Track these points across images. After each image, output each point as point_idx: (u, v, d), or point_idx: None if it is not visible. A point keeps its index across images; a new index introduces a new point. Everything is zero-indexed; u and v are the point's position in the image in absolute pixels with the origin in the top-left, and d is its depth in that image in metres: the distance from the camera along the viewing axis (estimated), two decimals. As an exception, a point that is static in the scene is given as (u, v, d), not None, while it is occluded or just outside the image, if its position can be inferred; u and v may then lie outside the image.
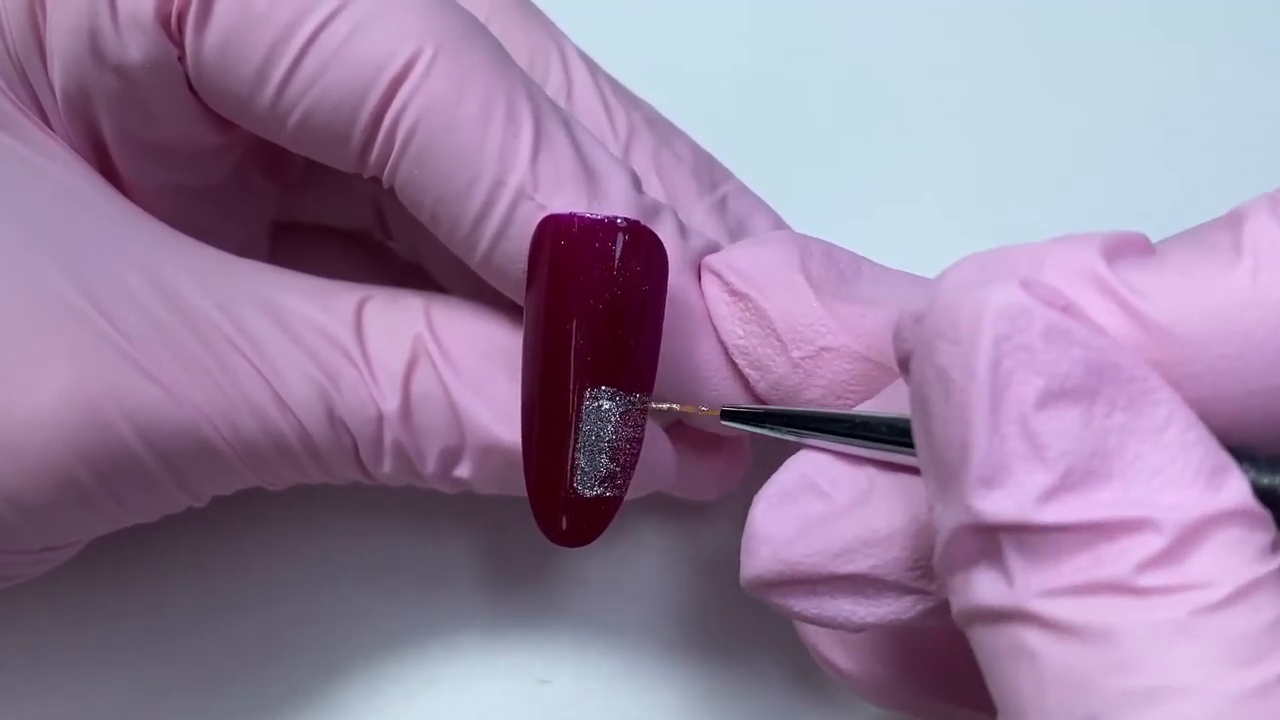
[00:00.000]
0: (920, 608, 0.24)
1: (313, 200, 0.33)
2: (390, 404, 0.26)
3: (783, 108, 0.39)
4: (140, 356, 0.25)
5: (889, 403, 0.25)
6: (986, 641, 0.19)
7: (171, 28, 0.24)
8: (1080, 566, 0.18)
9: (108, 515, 0.26)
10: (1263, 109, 0.39)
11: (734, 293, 0.26)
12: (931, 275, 0.28)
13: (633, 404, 0.25)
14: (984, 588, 0.19)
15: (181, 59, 0.25)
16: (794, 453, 0.25)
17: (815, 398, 0.26)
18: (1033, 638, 0.18)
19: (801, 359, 0.26)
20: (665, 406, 0.26)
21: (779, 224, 0.31)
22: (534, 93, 0.25)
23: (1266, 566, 0.18)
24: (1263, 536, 0.18)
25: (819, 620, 0.24)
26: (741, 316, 0.26)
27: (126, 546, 0.32)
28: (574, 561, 0.34)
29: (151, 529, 0.29)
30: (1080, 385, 0.18)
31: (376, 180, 0.26)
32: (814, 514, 0.24)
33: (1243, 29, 0.40)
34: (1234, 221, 0.20)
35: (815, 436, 0.25)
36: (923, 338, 0.20)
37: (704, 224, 0.29)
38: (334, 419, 0.26)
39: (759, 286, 0.26)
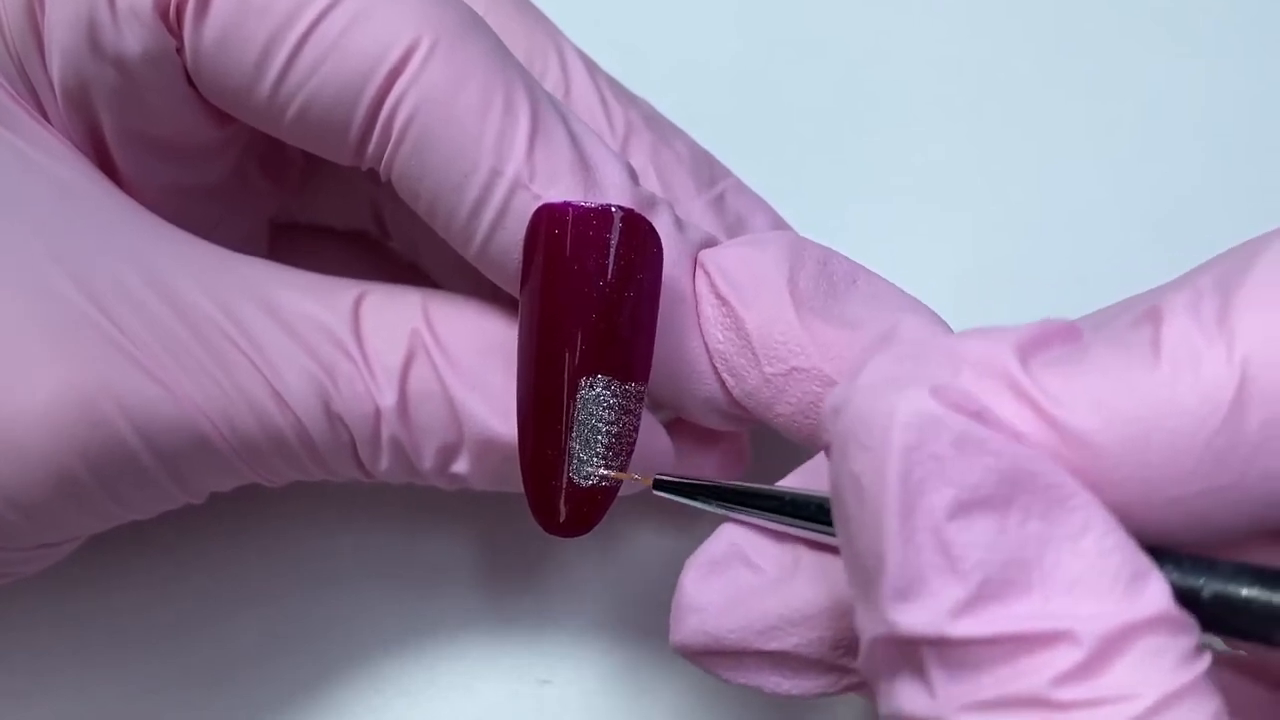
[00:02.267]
0: (844, 683, 0.24)
1: (311, 199, 0.33)
2: (387, 400, 0.26)
3: (781, 105, 0.39)
4: (138, 353, 0.25)
5: (817, 475, 0.25)
6: None
7: (170, 20, 0.24)
8: (1000, 679, 0.18)
9: (105, 512, 0.26)
10: (1264, 109, 0.39)
11: (719, 296, 0.26)
12: (931, 275, 0.28)
13: (628, 393, 0.25)
14: (907, 697, 0.19)
15: (180, 51, 0.25)
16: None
17: (785, 414, 0.26)
18: None
19: (773, 375, 0.26)
20: (607, 473, 0.26)
21: (777, 221, 0.31)
22: (531, 85, 0.25)
23: (1190, 673, 0.17)
24: (1185, 641, 0.18)
25: (747, 686, 0.24)
26: (723, 321, 0.26)
27: (125, 544, 0.32)
28: (574, 561, 0.33)
29: (150, 527, 0.29)
30: (994, 494, 0.18)
31: (374, 175, 0.26)
32: (741, 586, 0.24)
33: (1244, 28, 0.40)
34: (1154, 319, 0.19)
35: (745, 511, 0.25)
36: (836, 440, 0.19)
37: (702, 221, 0.29)
38: (331, 415, 0.26)
39: (741, 294, 0.26)
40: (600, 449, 0.25)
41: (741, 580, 0.24)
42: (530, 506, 0.25)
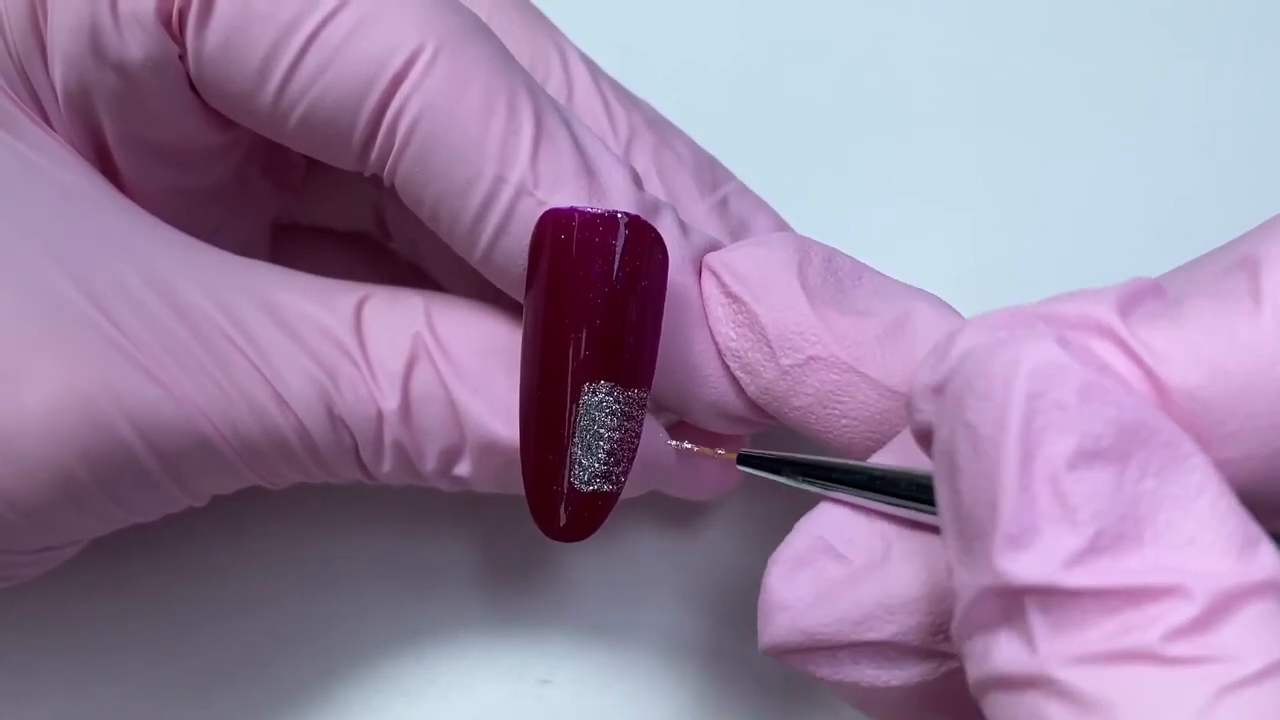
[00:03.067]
0: (944, 669, 0.23)
1: (313, 201, 0.33)
2: (390, 403, 0.26)
3: (784, 107, 0.39)
4: (139, 355, 0.25)
5: (899, 455, 0.25)
6: (1003, 712, 0.18)
7: (173, 26, 0.24)
8: (1108, 633, 0.17)
9: (107, 515, 0.26)
10: (1264, 111, 0.39)
11: (729, 294, 0.26)
12: (931, 275, 0.28)
13: (631, 399, 0.25)
14: (1005, 654, 0.18)
15: (183, 57, 0.25)
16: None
17: (803, 405, 0.26)
18: (1053, 710, 0.18)
19: (790, 366, 0.26)
20: (685, 445, 0.26)
21: (781, 224, 0.31)
22: (535, 90, 0.25)
23: None
24: None
25: (842, 683, 0.24)
26: (735, 319, 0.26)
27: (127, 547, 0.32)
28: (575, 562, 0.34)
29: (151, 529, 0.29)
30: (1113, 446, 0.18)
31: (377, 179, 0.26)
32: (830, 578, 0.24)
33: (1244, 29, 0.40)
34: (1250, 268, 0.19)
35: (835, 488, 0.24)
36: (952, 392, 0.19)
37: (705, 224, 0.29)
38: (334, 418, 0.26)
39: (753, 290, 0.26)
40: (602, 455, 0.25)
41: (830, 572, 0.24)
42: (531, 510, 0.26)
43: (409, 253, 0.33)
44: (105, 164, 0.27)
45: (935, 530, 0.22)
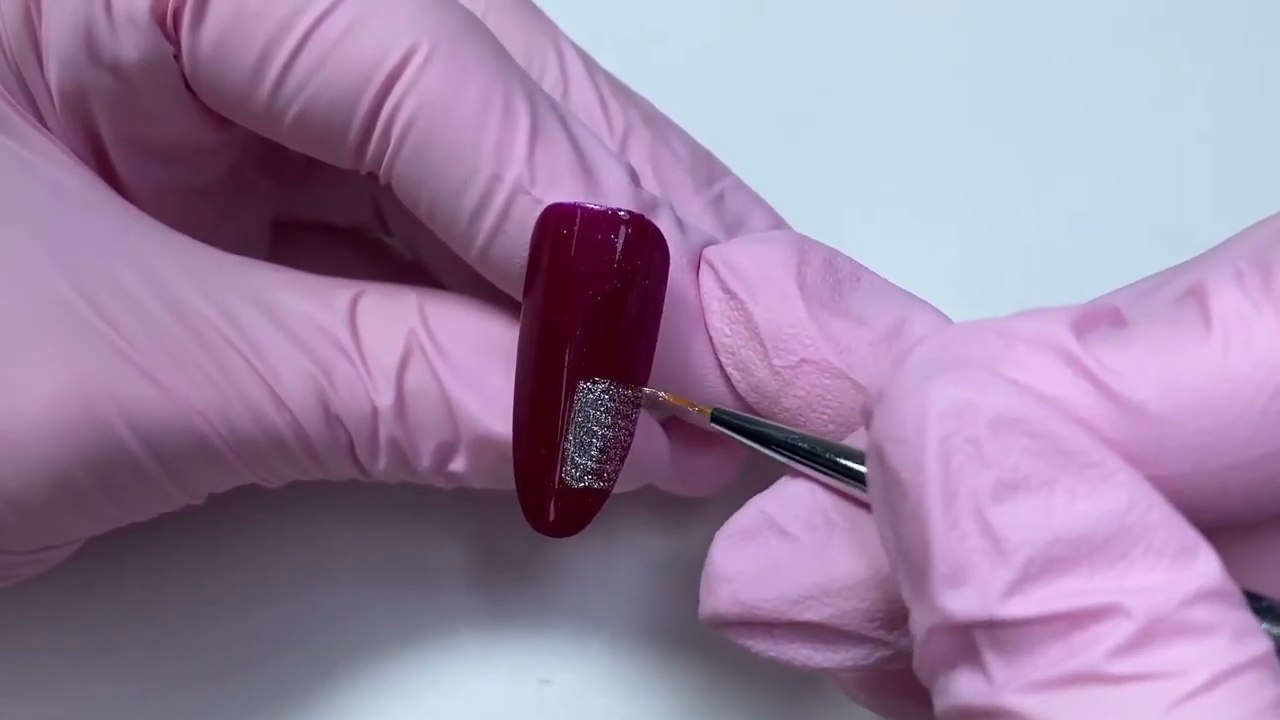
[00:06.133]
0: (878, 655, 0.24)
1: (311, 197, 0.33)
2: (385, 399, 0.26)
3: (781, 104, 0.39)
4: (136, 354, 0.25)
5: None
6: None
7: (167, 25, 0.24)
8: (1054, 658, 0.18)
9: (104, 514, 0.26)
10: (1265, 112, 0.39)
11: (726, 290, 0.26)
12: (933, 276, 0.28)
13: (626, 397, 0.25)
14: (964, 687, 0.19)
15: (177, 57, 0.25)
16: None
17: (792, 407, 0.26)
18: None
19: (781, 367, 0.26)
20: (659, 395, 0.26)
21: (777, 221, 0.31)
22: (531, 88, 0.25)
23: (1245, 653, 0.17)
24: (1239, 617, 0.18)
25: (776, 660, 0.24)
26: (730, 315, 0.26)
27: (125, 546, 0.32)
28: (575, 562, 0.34)
29: (150, 529, 0.29)
30: (1034, 474, 0.18)
31: (374, 176, 0.26)
32: (774, 554, 0.24)
33: (1245, 30, 0.40)
34: (1199, 294, 0.20)
35: (801, 462, 0.24)
36: (871, 443, 0.20)
37: (701, 220, 0.29)
38: (329, 415, 0.26)
39: (749, 288, 0.26)
40: (595, 452, 0.25)
41: (774, 548, 0.24)
42: (521, 505, 0.26)
43: (409, 249, 0.33)
44: (102, 164, 0.27)
45: None
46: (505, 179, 0.24)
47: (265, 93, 0.24)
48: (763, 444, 0.25)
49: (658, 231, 0.24)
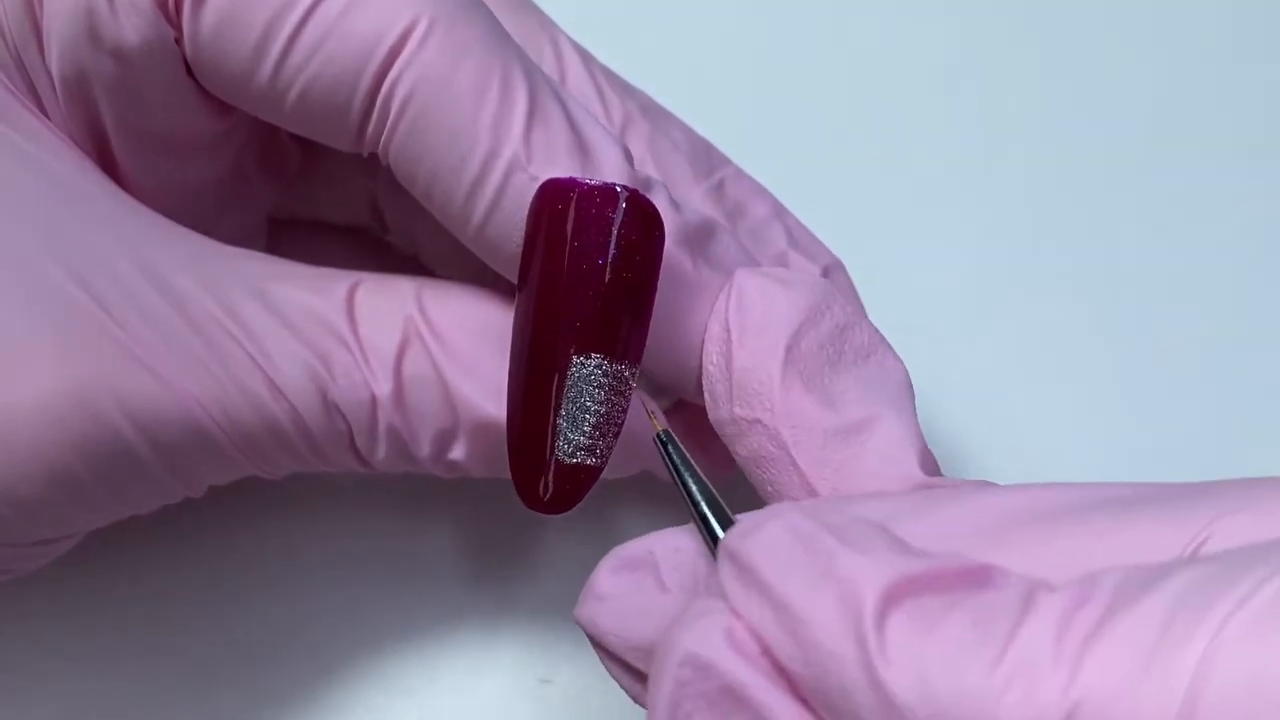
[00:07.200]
0: None
1: (309, 194, 0.33)
2: (383, 387, 0.26)
3: (781, 96, 0.39)
4: (134, 345, 0.25)
5: None
6: None
7: (169, 9, 0.25)
8: None
9: (103, 507, 0.26)
10: (1265, 113, 0.39)
11: (727, 321, 0.26)
12: (934, 276, 0.28)
13: (620, 374, 0.25)
14: None
15: (179, 41, 0.25)
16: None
17: (741, 455, 0.26)
18: None
19: (739, 416, 0.26)
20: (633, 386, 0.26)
21: (778, 207, 0.31)
22: (529, 67, 0.25)
23: None
24: None
25: (612, 676, 0.25)
26: (720, 348, 0.26)
27: (122, 542, 0.31)
28: (575, 560, 0.33)
29: (148, 523, 0.29)
30: None
31: (373, 170, 0.26)
32: (644, 595, 0.24)
33: (1246, 31, 0.40)
34: (1029, 604, 0.18)
35: (706, 527, 0.24)
36: (652, 668, 0.20)
37: (701, 209, 0.29)
38: (328, 404, 0.26)
39: (742, 329, 0.26)
40: (588, 428, 0.25)
41: (644, 591, 0.24)
42: (514, 481, 0.25)
43: (406, 245, 0.33)
44: (103, 155, 0.27)
45: None
46: (502, 155, 0.24)
47: (267, 73, 0.25)
48: (685, 489, 0.25)
49: (654, 208, 0.24)
